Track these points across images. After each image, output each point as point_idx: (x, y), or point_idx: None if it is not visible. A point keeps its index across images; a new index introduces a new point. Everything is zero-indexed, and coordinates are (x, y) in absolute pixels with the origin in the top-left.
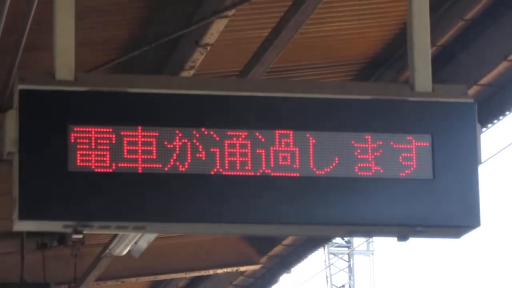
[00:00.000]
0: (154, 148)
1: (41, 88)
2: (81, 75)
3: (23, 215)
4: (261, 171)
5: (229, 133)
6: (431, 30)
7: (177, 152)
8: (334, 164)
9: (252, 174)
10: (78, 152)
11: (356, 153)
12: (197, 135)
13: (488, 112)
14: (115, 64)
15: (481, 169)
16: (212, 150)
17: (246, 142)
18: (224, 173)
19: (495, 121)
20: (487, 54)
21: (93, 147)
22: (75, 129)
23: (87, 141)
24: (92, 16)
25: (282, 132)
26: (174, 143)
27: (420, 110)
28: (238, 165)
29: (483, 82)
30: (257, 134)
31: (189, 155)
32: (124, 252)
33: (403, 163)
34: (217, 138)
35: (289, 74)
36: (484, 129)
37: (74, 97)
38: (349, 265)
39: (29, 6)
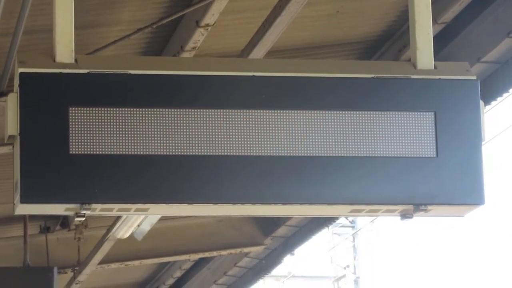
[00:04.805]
0: (156, 130)
1: (42, 71)
2: (81, 57)
3: (25, 198)
4: (264, 151)
5: (231, 113)
6: (432, 7)
7: (179, 133)
8: (336, 144)
9: (255, 154)
10: (79, 134)
11: (358, 132)
12: (199, 116)
13: (491, 89)
14: (116, 46)
15: (485, 146)
16: (214, 130)
17: (249, 122)
18: (226, 153)
19: (499, 98)
20: (489, 31)
21: (94, 129)
22: (76, 111)
23: (88, 123)
24: None
25: (284, 111)
26: (176, 124)
27: (422, 88)
28: (240, 145)
29: (486, 59)
30: (259, 114)
31: (191, 136)
32: (127, 235)
33: (407, 141)
34: (219, 119)
35: (291, 54)
36: (487, 106)
37: (74, 79)
38: (353, 245)
39: None
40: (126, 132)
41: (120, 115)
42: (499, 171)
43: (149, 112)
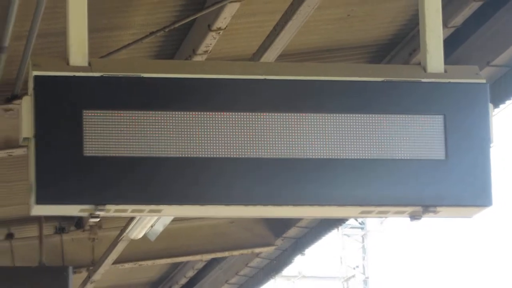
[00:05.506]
0: (169, 132)
1: (56, 74)
2: (94, 60)
3: (40, 199)
4: (274, 153)
5: (242, 116)
6: (443, 11)
7: (192, 135)
8: (347, 147)
9: (266, 156)
10: (93, 136)
11: (369, 135)
12: (211, 119)
13: (500, 93)
14: (128, 49)
15: (493, 149)
16: (226, 133)
17: (259, 125)
18: (238, 156)
19: (507, 101)
20: (499, 34)
21: (108, 131)
22: (90, 114)
23: (102, 125)
24: (105, 2)
25: (295, 114)
26: (188, 127)
27: (432, 91)
28: (252, 147)
29: (495, 63)
30: (270, 116)
31: (203, 138)
32: (141, 235)
33: (416, 144)
34: (231, 121)
35: (302, 57)
36: (496, 109)
37: (88, 82)
38: (363, 246)
39: None
40: (139, 135)
41: (133, 117)
42: (508, 173)
43: (162, 115)
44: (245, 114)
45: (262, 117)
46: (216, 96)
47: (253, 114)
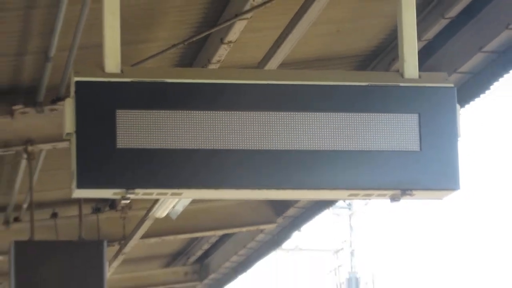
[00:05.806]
0: (188, 128)
1: (93, 80)
2: (126, 68)
3: (80, 184)
4: (277, 145)
5: (249, 114)
6: (417, 27)
7: (208, 131)
8: (337, 140)
9: (270, 148)
10: (125, 132)
11: (355, 130)
12: (223, 117)
13: (466, 95)
14: (154, 59)
15: (461, 141)
16: (236, 129)
17: (264, 122)
18: (246, 147)
19: (472, 102)
20: (464, 46)
21: (137, 127)
22: (122, 113)
23: (132, 122)
24: (135, 20)
25: (295, 113)
26: (205, 124)
27: (408, 94)
28: (258, 141)
29: (461, 70)
30: (273, 115)
31: (216, 133)
32: (164, 215)
33: (395, 138)
34: (239, 119)
35: (299, 66)
36: (462, 109)
37: (120, 86)
38: (350, 224)
39: (82, 12)
40: (163, 130)
41: (159, 116)
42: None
43: (183, 114)
44: (251, 113)
45: (266, 115)
46: (227, 97)
47: (259, 113)
